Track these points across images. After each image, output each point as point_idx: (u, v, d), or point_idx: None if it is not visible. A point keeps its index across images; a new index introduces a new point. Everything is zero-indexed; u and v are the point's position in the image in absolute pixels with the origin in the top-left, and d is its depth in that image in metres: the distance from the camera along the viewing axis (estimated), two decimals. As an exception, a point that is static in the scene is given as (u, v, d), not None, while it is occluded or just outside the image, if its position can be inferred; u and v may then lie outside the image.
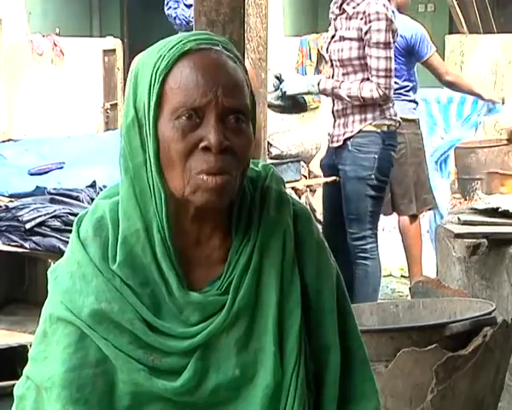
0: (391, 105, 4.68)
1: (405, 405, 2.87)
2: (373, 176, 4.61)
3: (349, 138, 4.65)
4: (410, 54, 5.53)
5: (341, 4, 4.67)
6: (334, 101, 4.79)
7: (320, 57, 12.65)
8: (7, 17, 12.02)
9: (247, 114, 1.48)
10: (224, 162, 1.44)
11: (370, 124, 4.63)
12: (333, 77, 4.78)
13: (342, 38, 4.65)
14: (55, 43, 12.61)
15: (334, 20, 4.70)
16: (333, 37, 4.73)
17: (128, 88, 1.52)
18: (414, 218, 5.61)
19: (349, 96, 4.61)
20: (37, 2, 13.31)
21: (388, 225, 6.86)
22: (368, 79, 4.59)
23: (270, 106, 4.91)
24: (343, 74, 4.69)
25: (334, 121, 4.75)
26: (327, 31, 4.95)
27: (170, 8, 4.42)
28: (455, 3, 6.47)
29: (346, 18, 4.62)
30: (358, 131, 4.62)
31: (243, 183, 1.52)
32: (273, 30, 10.63)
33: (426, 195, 5.69)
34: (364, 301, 4.45)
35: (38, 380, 1.52)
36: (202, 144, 1.43)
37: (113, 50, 13.38)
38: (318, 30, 13.32)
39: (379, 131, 4.63)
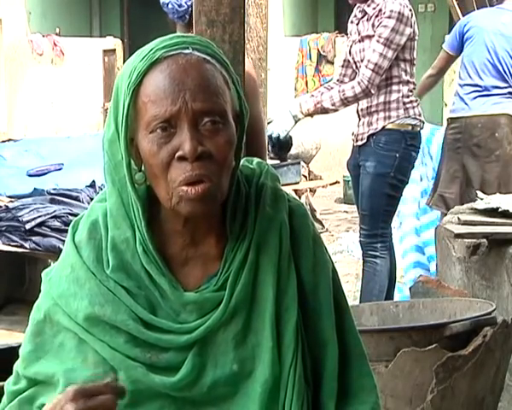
0: (416, 104, 4.65)
1: (405, 405, 2.87)
2: (392, 174, 4.58)
3: (372, 135, 4.63)
4: None
5: (363, 8, 4.65)
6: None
7: (320, 57, 12.66)
8: (7, 17, 12.03)
9: (223, 114, 1.45)
10: (201, 169, 1.42)
11: (394, 122, 4.60)
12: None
13: (363, 39, 4.63)
14: (55, 43, 12.63)
15: (357, 24, 4.68)
16: (354, 40, 4.69)
17: (111, 100, 1.51)
18: None
19: (333, 105, 4.58)
20: (37, 2, 13.33)
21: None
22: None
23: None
24: None
25: (359, 120, 4.73)
26: (327, 31, 4.92)
27: None
28: (455, 3, 6.44)
29: (368, 19, 4.60)
30: (382, 128, 4.60)
31: (235, 182, 1.52)
32: (273, 30, 10.64)
33: None
34: (370, 299, 4.45)
35: (36, 377, 1.53)
36: (177, 154, 1.42)
37: (113, 50, 13.41)
38: (318, 30, 13.31)
39: (402, 130, 4.61)
